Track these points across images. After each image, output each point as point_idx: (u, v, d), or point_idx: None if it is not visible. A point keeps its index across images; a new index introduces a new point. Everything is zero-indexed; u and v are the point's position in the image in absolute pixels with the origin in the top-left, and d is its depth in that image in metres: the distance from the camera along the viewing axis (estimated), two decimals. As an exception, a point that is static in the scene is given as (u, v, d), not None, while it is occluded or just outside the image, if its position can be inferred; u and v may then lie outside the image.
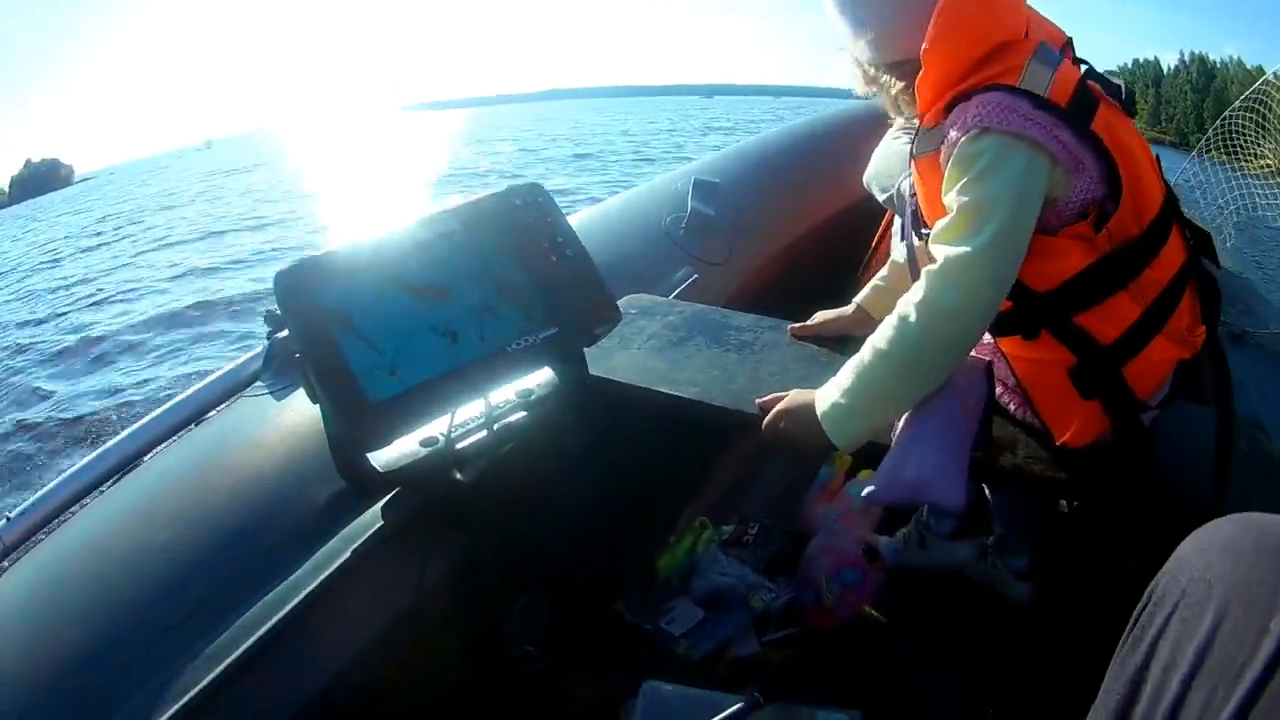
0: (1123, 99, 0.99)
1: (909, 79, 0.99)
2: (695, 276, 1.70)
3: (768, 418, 1.03)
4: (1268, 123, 2.96)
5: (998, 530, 1.35)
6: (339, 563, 0.93)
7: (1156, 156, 1.03)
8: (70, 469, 1.15)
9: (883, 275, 1.26)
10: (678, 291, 1.62)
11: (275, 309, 1.12)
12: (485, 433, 1.05)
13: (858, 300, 1.27)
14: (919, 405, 0.96)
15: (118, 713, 0.79)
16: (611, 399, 1.16)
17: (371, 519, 0.99)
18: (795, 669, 1.21)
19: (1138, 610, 0.54)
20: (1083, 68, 0.99)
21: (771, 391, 1.07)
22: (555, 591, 1.20)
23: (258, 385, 1.25)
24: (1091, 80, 0.96)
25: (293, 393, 1.18)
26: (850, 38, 1.03)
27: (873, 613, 1.27)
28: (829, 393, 0.97)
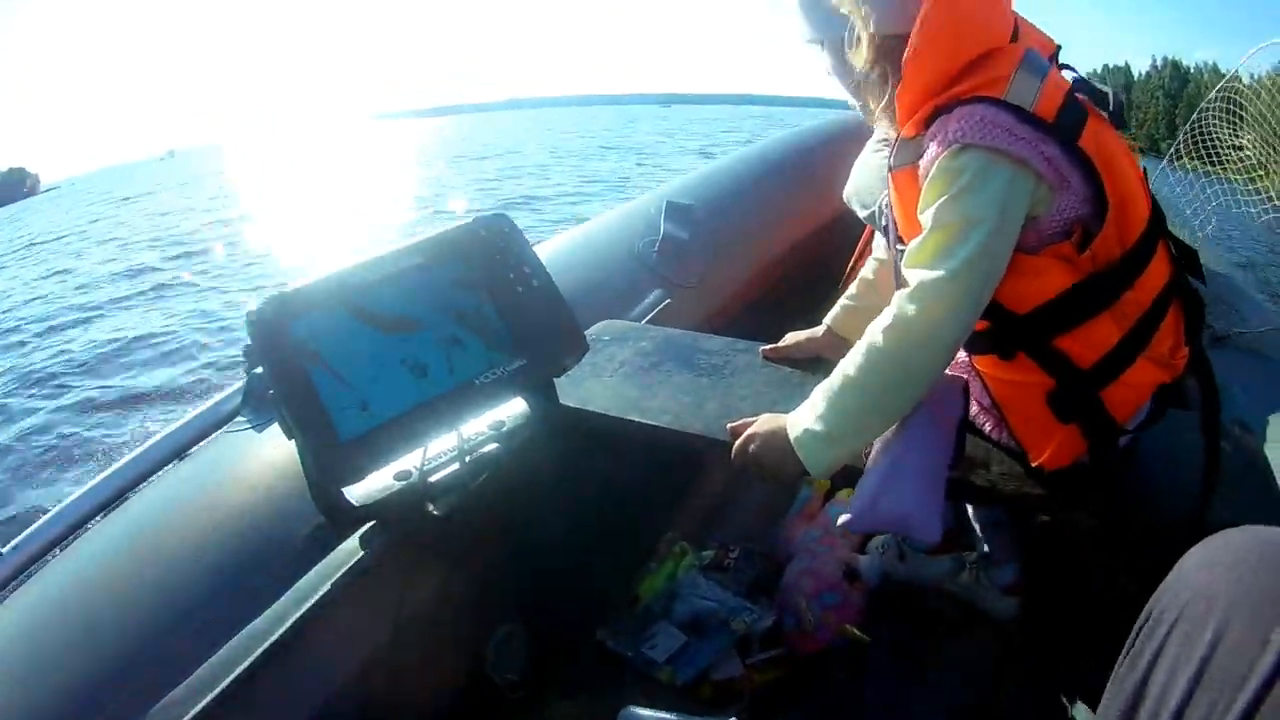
0: (1111, 110, 0.95)
1: (892, 82, 0.94)
2: (668, 300, 1.70)
3: (737, 444, 1.02)
4: (1245, 115, 2.95)
5: (981, 545, 1.34)
6: (317, 596, 0.93)
7: (1144, 169, 1.00)
8: (54, 509, 1.16)
9: (851, 294, 1.26)
10: (650, 316, 1.63)
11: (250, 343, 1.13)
12: (458, 465, 1.05)
13: (827, 321, 1.27)
14: (895, 427, 0.96)
15: None
16: (584, 428, 1.17)
17: (349, 552, 0.99)
18: (778, 691, 1.21)
19: (1137, 627, 0.53)
20: (1071, 76, 0.95)
21: (744, 415, 1.07)
22: (535, 620, 1.21)
23: (238, 420, 1.26)
24: (1080, 91, 0.93)
25: (272, 427, 1.19)
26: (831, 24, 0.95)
27: (855, 632, 1.27)
28: (802, 418, 0.96)
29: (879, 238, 1.24)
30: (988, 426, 1.04)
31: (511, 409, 1.12)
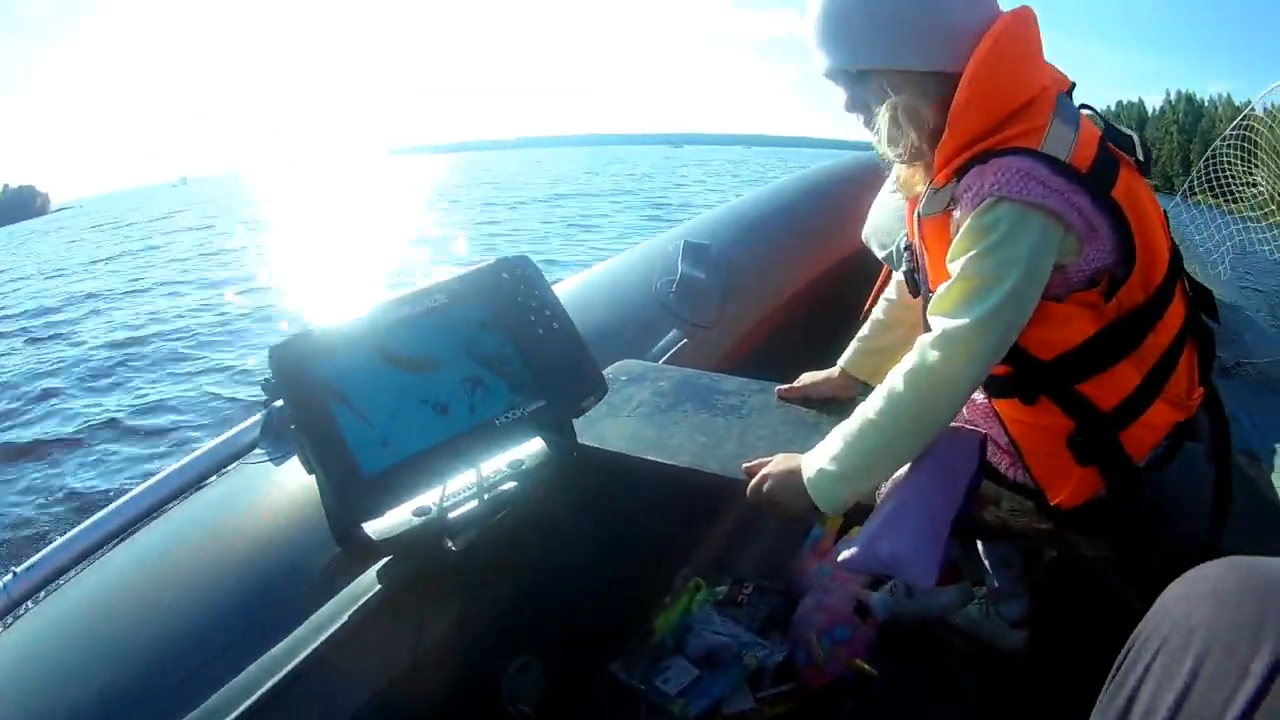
0: (1137, 156, 0.96)
1: (926, 125, 0.93)
2: (684, 340, 1.72)
3: (752, 483, 1.04)
4: (1257, 151, 2.95)
5: (991, 579, 1.35)
6: (333, 629, 0.94)
7: (1165, 213, 1.01)
8: (72, 530, 1.17)
9: (864, 335, 1.27)
10: (667, 356, 1.64)
11: (272, 378, 1.14)
12: (477, 502, 1.06)
13: (841, 363, 1.28)
14: (907, 471, 0.97)
15: None
16: (603, 467, 1.18)
17: (366, 585, 1.00)
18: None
19: (1120, 658, 0.53)
20: (1090, 114, 0.95)
21: (760, 455, 1.08)
22: (550, 654, 1.21)
23: (257, 452, 1.28)
24: (1109, 138, 0.93)
25: (290, 459, 1.20)
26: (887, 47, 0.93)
27: (865, 666, 1.27)
28: (816, 459, 0.98)
29: (896, 277, 1.26)
30: (1003, 466, 1.05)
31: (530, 448, 1.13)
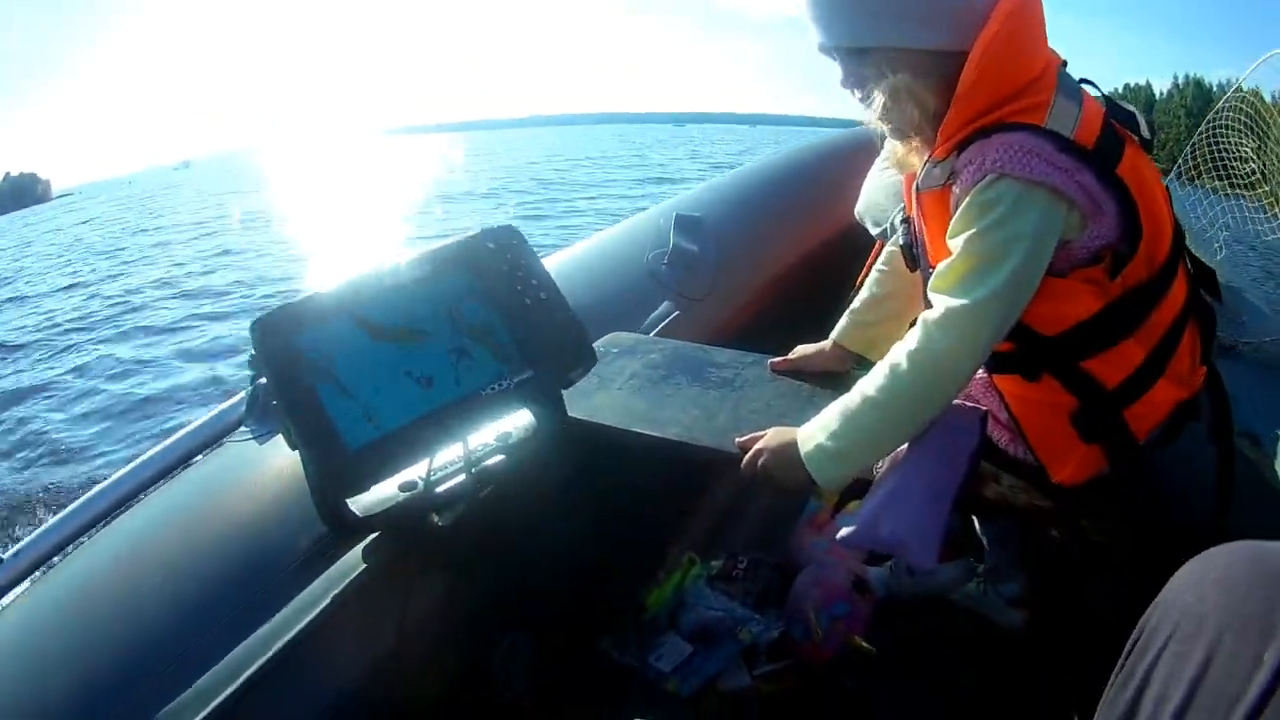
0: (1139, 132, 0.93)
1: (928, 102, 0.90)
2: (676, 313, 1.70)
3: (747, 456, 1.02)
4: (1254, 125, 2.93)
5: (989, 557, 1.34)
6: (320, 607, 0.92)
7: (1167, 189, 0.99)
8: (55, 516, 1.16)
9: (856, 308, 1.25)
10: (659, 328, 1.62)
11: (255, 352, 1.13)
12: (464, 476, 1.04)
13: (834, 336, 1.26)
14: (907, 448, 0.96)
15: None
16: (592, 440, 1.16)
17: (353, 563, 0.99)
18: (786, 702, 1.20)
19: (1129, 645, 0.52)
20: (1094, 92, 0.93)
21: (754, 428, 1.07)
22: (541, 631, 1.20)
23: (242, 430, 1.26)
24: (1113, 114, 0.91)
25: (276, 437, 1.19)
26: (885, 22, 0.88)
27: (862, 643, 1.26)
28: (813, 433, 0.96)
29: (888, 249, 1.24)
30: (1003, 442, 1.03)
31: (518, 420, 1.12)
